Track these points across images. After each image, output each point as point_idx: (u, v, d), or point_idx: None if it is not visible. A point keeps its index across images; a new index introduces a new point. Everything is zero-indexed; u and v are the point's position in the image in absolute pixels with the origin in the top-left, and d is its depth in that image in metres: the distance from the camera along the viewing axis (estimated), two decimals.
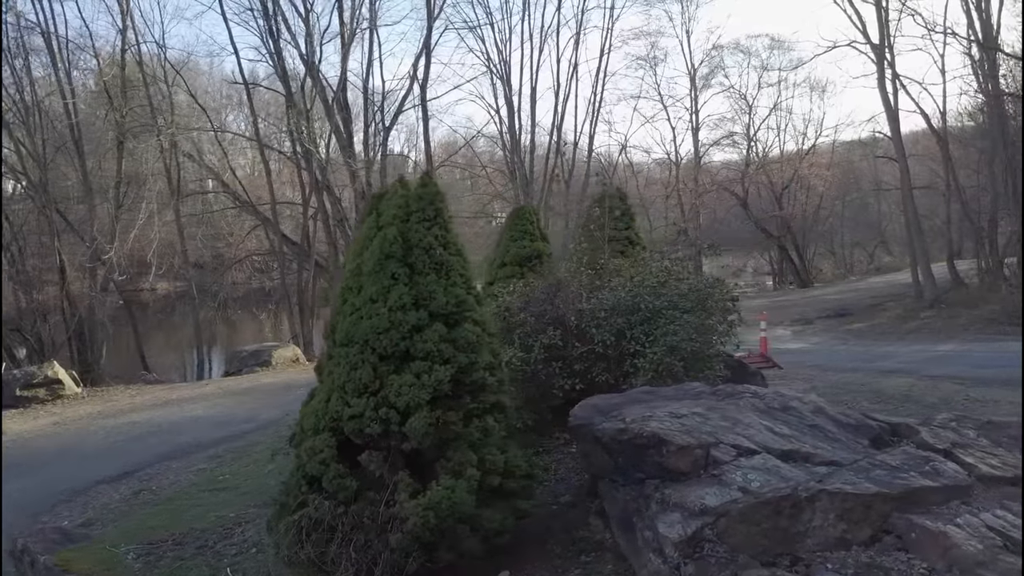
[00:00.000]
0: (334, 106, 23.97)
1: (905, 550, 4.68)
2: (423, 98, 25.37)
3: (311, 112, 24.00)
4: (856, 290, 35.79)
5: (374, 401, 5.27)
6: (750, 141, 40.84)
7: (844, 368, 15.60)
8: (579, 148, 33.95)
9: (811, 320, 27.91)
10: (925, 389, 12.33)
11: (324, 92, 24.14)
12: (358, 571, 5.11)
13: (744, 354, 17.39)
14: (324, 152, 24.11)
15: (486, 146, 37.03)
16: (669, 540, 4.76)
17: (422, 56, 25.42)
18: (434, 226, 5.63)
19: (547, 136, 32.13)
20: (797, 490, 4.80)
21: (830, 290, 38.25)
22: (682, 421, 5.50)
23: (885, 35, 26.48)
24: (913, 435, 5.76)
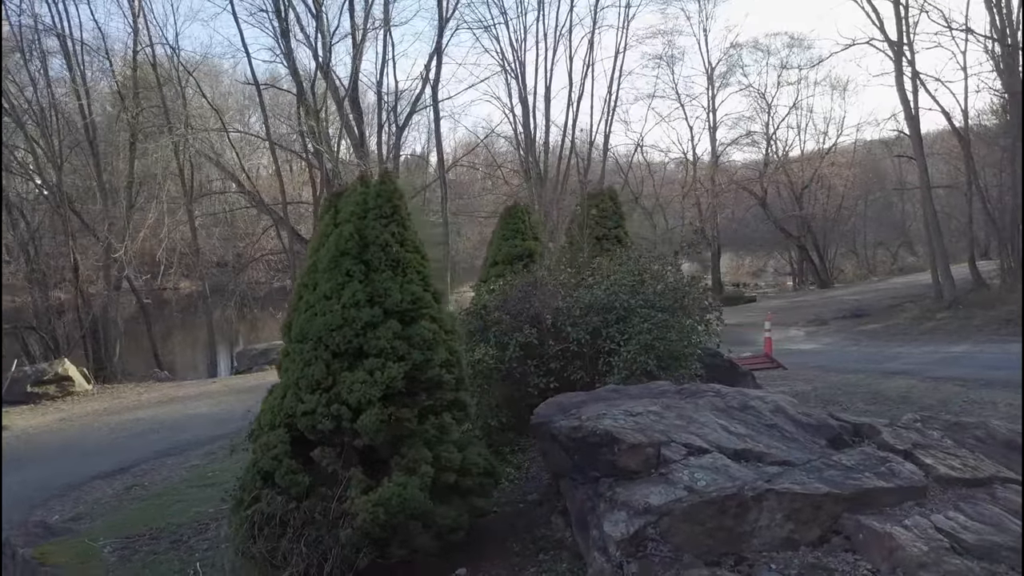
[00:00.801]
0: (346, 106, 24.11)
1: (853, 551, 4.62)
2: (435, 99, 25.46)
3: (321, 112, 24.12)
4: (876, 291, 35.33)
5: (326, 397, 5.30)
6: (769, 140, 40.46)
7: (849, 369, 15.42)
8: (595, 147, 33.82)
9: (826, 321, 27.57)
10: (925, 391, 12.15)
11: (337, 92, 24.29)
12: (308, 566, 5.14)
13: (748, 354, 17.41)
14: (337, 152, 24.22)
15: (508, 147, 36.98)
16: (612, 539, 4.73)
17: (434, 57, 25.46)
18: (391, 223, 5.64)
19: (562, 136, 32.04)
20: (743, 489, 4.75)
21: (850, 291, 37.80)
22: (636, 419, 5.46)
23: (902, 32, 26.10)
24: (875, 435, 5.68)
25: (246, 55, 34.06)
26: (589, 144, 33.74)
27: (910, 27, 26.51)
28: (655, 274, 7.73)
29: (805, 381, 13.81)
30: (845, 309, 29.52)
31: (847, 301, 32.11)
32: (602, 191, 11.52)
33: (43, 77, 21.24)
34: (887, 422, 6.04)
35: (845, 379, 13.89)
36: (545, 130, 31.05)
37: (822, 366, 16.35)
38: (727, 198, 39.29)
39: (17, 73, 20.57)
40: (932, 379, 13.29)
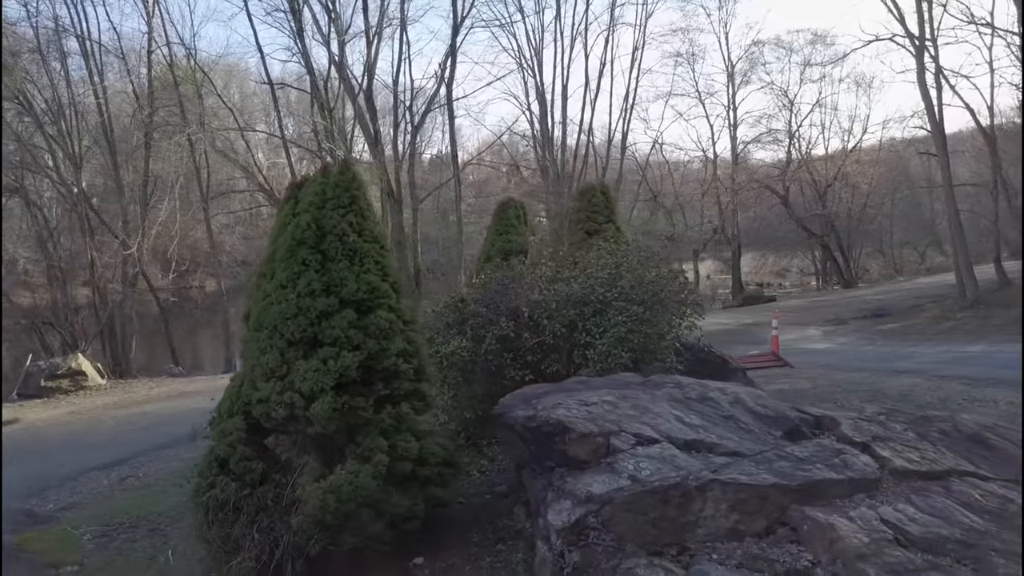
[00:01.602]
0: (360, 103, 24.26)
1: (798, 542, 4.57)
2: (449, 98, 25.56)
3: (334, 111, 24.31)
4: (900, 290, 34.75)
5: (280, 386, 5.35)
6: (791, 138, 39.93)
7: (857, 368, 15.20)
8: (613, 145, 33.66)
9: (845, 320, 27.16)
10: (927, 389, 11.95)
11: (352, 89, 24.45)
12: (260, 552, 5.20)
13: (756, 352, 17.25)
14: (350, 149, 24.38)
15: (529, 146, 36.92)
16: (554, 528, 4.73)
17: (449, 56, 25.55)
18: (349, 213, 5.67)
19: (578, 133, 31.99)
20: (687, 480, 4.72)
21: (873, 291, 37.23)
22: (589, 409, 5.44)
23: (923, 27, 25.66)
24: (835, 428, 5.60)
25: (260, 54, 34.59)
26: (607, 142, 33.64)
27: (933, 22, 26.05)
28: (630, 267, 7.68)
29: (808, 379, 13.65)
30: (865, 309, 29.07)
31: (869, 301, 31.63)
32: (593, 186, 11.48)
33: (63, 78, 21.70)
34: (851, 415, 5.94)
35: (849, 377, 13.70)
36: (562, 128, 31.05)
37: (830, 365, 16.14)
38: (748, 197, 38.86)
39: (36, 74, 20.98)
40: (938, 378, 13.06)
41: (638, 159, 36.78)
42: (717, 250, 44.32)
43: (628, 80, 32.07)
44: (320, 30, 24.72)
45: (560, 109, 30.91)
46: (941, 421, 5.81)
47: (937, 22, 25.93)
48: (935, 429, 5.70)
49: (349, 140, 24.52)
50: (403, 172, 26.08)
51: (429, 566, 5.67)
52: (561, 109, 30.91)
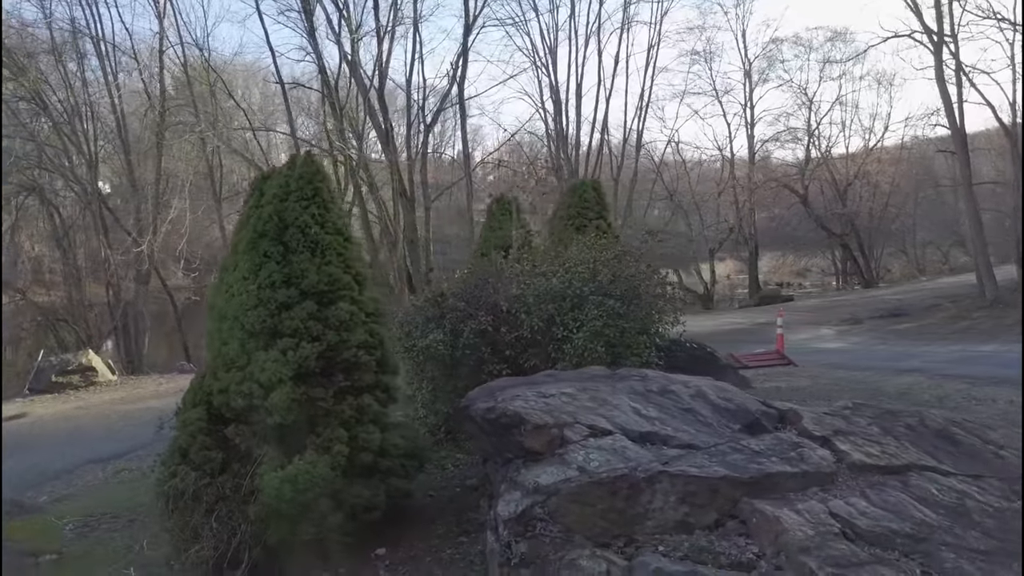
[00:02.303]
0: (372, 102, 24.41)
1: (747, 535, 4.52)
2: (460, 96, 25.61)
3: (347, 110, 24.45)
4: (920, 291, 34.33)
5: (240, 376, 5.40)
6: (810, 136, 39.49)
7: (862, 367, 15.03)
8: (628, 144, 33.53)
9: (861, 320, 26.87)
10: (927, 388, 11.81)
11: (364, 87, 24.59)
12: (218, 541, 5.25)
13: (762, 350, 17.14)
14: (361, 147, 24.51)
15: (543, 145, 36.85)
16: (501, 518, 4.72)
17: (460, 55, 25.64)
18: (311, 205, 5.71)
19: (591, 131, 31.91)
20: (636, 471, 4.69)
21: (894, 290, 36.80)
22: (547, 401, 5.43)
23: (941, 23, 25.32)
24: (798, 422, 5.54)
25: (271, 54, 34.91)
26: (623, 141, 33.52)
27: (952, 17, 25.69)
28: (606, 261, 7.66)
29: (809, 377, 13.54)
30: (883, 309, 28.75)
31: (888, 301, 31.29)
32: (584, 181, 11.43)
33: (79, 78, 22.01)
34: (817, 409, 5.88)
35: (851, 376, 13.57)
36: (576, 127, 30.99)
37: (837, 363, 15.98)
38: (766, 196, 38.53)
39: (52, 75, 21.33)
40: (941, 376, 12.91)
41: (654, 158, 36.58)
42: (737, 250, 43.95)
43: (643, 78, 31.93)
44: (333, 29, 24.91)
45: (575, 108, 30.89)
46: (908, 416, 5.72)
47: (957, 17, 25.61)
48: (901, 424, 5.62)
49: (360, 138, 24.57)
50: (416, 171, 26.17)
51: (391, 557, 5.69)
52: (575, 108, 30.90)
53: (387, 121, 25.06)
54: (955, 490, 4.85)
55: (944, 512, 4.61)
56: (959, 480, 5.00)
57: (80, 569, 6.68)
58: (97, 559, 6.71)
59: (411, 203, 25.74)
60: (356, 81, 24.34)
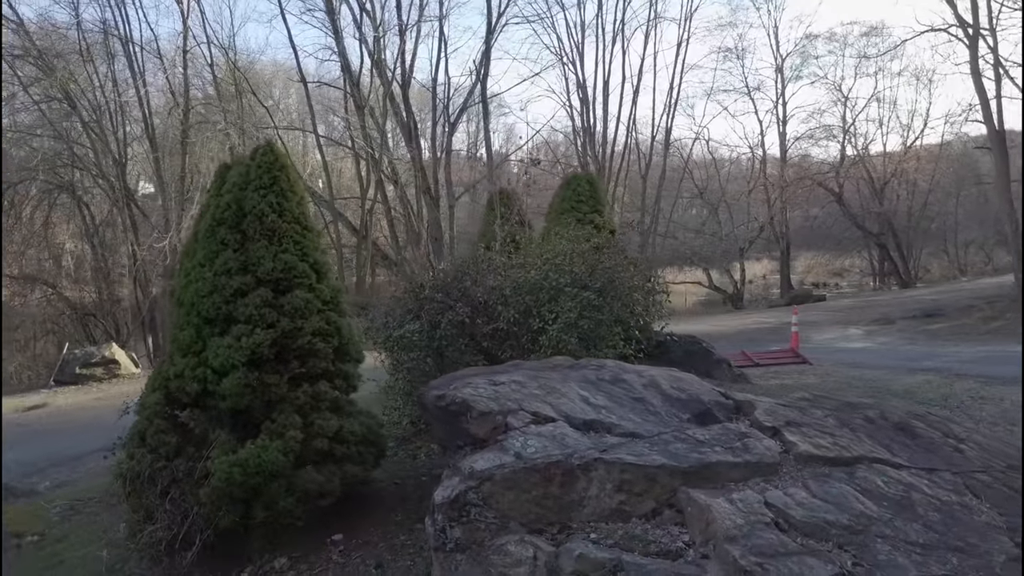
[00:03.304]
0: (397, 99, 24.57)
1: (681, 524, 4.48)
2: (483, 95, 25.60)
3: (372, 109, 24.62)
4: (959, 291, 33.48)
5: (195, 361, 5.49)
6: (845, 133, 38.71)
7: (878, 366, 14.73)
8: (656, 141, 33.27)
9: (893, 320, 26.30)
10: (936, 386, 11.55)
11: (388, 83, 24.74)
12: (172, 523, 5.34)
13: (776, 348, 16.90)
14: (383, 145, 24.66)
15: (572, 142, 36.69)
16: (436, 503, 4.73)
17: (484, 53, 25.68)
18: (269, 193, 5.77)
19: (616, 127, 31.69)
20: (571, 458, 4.66)
21: (932, 291, 35.91)
22: (496, 389, 5.43)
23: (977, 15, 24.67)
24: (751, 412, 5.46)
25: (294, 53, 35.22)
26: (651, 139, 33.27)
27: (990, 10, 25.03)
28: (582, 253, 7.62)
29: (820, 376, 13.32)
30: (917, 309, 28.13)
31: (923, 301, 30.59)
32: (579, 175, 11.36)
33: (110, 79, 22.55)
34: (776, 401, 5.78)
35: (863, 375, 13.31)
36: (603, 124, 30.83)
37: (854, 362, 15.69)
38: (799, 194, 37.86)
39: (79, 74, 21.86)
40: (955, 375, 12.62)
41: (683, 155, 36.21)
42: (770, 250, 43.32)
43: (672, 75, 31.64)
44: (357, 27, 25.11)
45: (602, 105, 30.71)
46: (868, 408, 5.62)
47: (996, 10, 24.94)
48: (860, 416, 5.50)
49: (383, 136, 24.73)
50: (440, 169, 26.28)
51: (346, 543, 5.73)
52: (603, 105, 30.71)
53: (411, 119, 25.17)
54: (903, 483, 4.73)
55: (887, 505, 4.50)
56: (910, 473, 4.88)
57: (57, 550, 6.86)
58: (75, 541, 6.89)
59: (435, 201, 25.83)
60: (380, 76, 24.50)
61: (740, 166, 40.05)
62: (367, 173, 25.53)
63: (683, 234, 37.05)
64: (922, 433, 5.42)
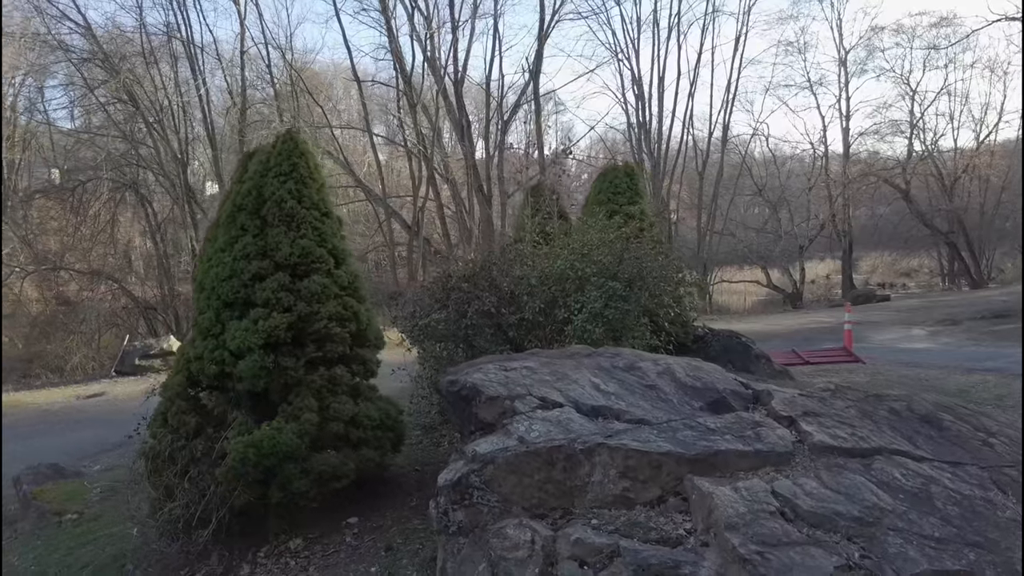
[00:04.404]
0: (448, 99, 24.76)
1: (686, 512, 4.39)
2: (535, 93, 25.63)
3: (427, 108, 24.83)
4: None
5: (214, 343, 5.61)
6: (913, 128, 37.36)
7: (936, 365, 14.25)
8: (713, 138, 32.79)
9: (959, 321, 25.40)
10: (991, 386, 11.14)
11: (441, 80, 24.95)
12: (190, 501, 5.45)
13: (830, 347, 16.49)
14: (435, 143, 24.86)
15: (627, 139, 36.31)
16: (439, 486, 4.73)
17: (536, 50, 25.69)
18: (289, 180, 5.86)
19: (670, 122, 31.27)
20: (574, 443, 4.60)
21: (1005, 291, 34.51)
22: (507, 375, 5.40)
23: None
24: (768, 402, 5.31)
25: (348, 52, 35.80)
26: (708, 135, 32.78)
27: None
28: (609, 243, 7.52)
29: (870, 375, 12.95)
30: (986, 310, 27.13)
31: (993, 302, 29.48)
32: (617, 166, 11.20)
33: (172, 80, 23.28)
34: (797, 391, 5.62)
35: (916, 373, 12.90)
36: (658, 120, 30.48)
37: (911, 362, 15.21)
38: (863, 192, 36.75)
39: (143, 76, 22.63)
40: (1013, 376, 12.10)
41: (741, 152, 35.50)
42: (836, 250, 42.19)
43: (729, 70, 31.09)
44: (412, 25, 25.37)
45: (657, 101, 30.38)
46: (894, 400, 5.39)
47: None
48: (885, 408, 5.29)
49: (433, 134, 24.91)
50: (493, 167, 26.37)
51: (360, 525, 5.79)
52: (658, 101, 30.38)
53: (464, 116, 25.32)
54: (923, 475, 4.54)
55: (903, 497, 4.33)
56: (932, 466, 4.67)
57: (93, 527, 7.10)
58: (109, 519, 7.11)
59: (488, 199, 25.93)
60: (433, 74, 24.72)
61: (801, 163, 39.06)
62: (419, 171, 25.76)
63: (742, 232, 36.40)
64: (950, 426, 5.19)
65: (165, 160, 22.42)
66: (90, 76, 22.35)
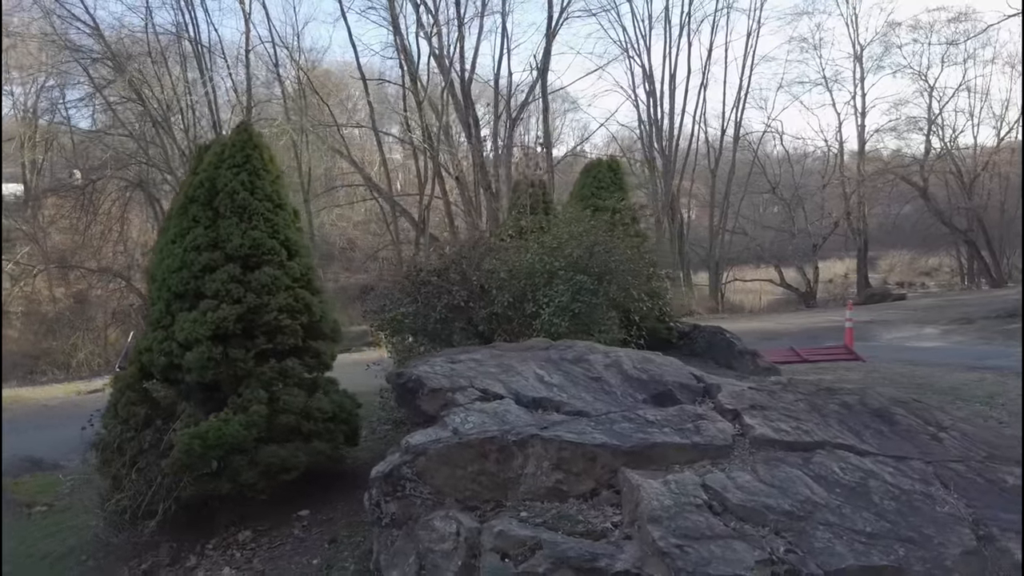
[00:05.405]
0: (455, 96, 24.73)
1: (618, 505, 4.33)
2: (543, 90, 25.51)
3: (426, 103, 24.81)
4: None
5: (163, 335, 5.61)
6: (930, 125, 36.73)
7: (937, 364, 13.98)
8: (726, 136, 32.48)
9: (973, 320, 24.97)
10: (989, 384, 10.88)
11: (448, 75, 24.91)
12: (137, 492, 5.46)
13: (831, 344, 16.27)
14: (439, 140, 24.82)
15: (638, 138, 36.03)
16: (371, 477, 4.70)
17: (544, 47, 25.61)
18: (242, 172, 5.84)
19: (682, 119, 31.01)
20: (507, 435, 4.55)
21: None
22: (453, 367, 5.35)
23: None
24: (716, 394, 5.22)
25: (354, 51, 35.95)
26: (720, 132, 32.49)
27: None
28: (577, 236, 7.45)
29: (865, 372, 12.72)
30: (1002, 309, 26.63)
31: (1010, 300, 28.90)
32: (601, 160, 11.09)
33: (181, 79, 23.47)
34: (747, 384, 5.52)
35: (914, 371, 12.65)
36: (670, 118, 30.25)
37: (913, 360, 14.94)
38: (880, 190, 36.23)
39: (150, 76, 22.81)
40: (1014, 374, 11.84)
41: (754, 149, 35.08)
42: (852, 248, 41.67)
43: (742, 67, 30.77)
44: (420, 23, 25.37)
45: (668, 98, 30.15)
46: (847, 394, 5.29)
47: None
48: (836, 402, 5.20)
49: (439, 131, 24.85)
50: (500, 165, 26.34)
51: (311, 518, 5.77)
52: (669, 98, 30.14)
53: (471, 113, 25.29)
54: (863, 470, 4.44)
55: (840, 491, 4.24)
56: (875, 460, 4.57)
57: (60, 519, 7.13)
58: (77, 510, 7.14)
59: (495, 196, 25.89)
60: (441, 70, 24.69)
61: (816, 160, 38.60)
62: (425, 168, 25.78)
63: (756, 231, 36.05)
64: (901, 420, 5.07)
65: (172, 159, 22.61)
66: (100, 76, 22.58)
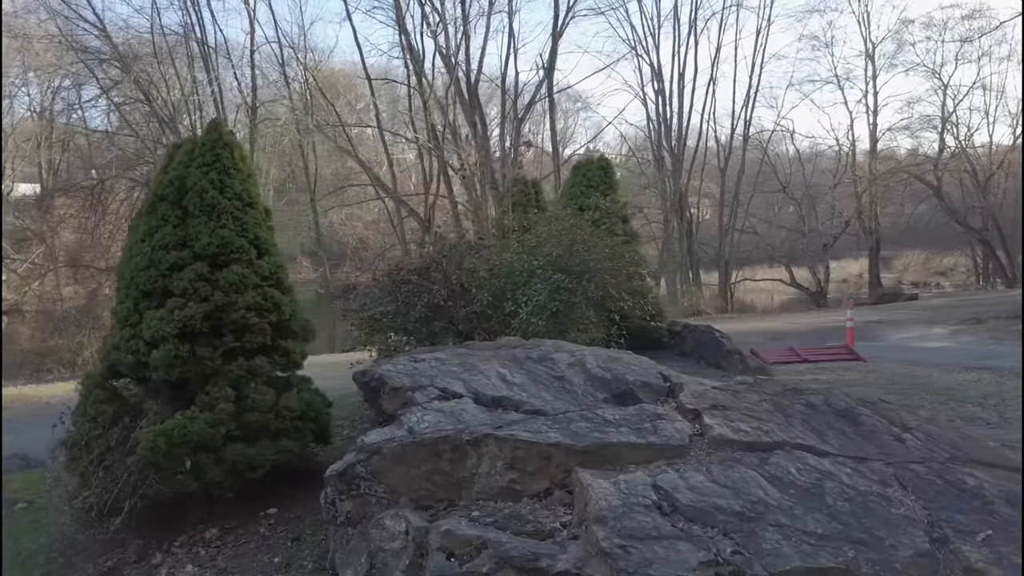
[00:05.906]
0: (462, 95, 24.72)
1: (570, 505, 4.30)
2: (549, 90, 25.49)
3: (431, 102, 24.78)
4: None
5: (130, 333, 5.63)
6: (944, 123, 36.32)
7: (937, 364, 13.85)
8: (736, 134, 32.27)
9: (983, 320, 24.66)
10: (984, 385, 10.86)
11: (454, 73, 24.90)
12: (104, 489, 5.49)
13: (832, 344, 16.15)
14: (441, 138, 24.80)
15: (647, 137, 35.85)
16: (326, 475, 4.69)
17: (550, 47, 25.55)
18: (211, 171, 5.85)
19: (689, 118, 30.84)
20: (461, 434, 4.52)
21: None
22: (416, 366, 5.34)
23: None
24: (678, 394, 5.18)
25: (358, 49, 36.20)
26: (730, 131, 32.30)
27: None
28: (556, 234, 7.42)
29: (863, 372, 12.68)
30: (1013, 309, 26.33)
31: None
32: (591, 159, 11.02)
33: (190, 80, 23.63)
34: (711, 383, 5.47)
35: (912, 372, 12.61)
36: (679, 117, 30.10)
37: (914, 360, 14.83)
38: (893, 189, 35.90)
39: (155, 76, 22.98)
40: (1013, 374, 11.74)
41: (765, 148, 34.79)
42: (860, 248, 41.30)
43: (751, 66, 30.57)
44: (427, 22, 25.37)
45: (677, 96, 30.01)
46: (812, 395, 5.24)
47: None
48: (801, 402, 5.14)
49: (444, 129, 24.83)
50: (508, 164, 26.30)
51: (278, 516, 5.77)
52: (678, 96, 30.01)
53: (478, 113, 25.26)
54: (820, 470, 4.39)
55: (794, 492, 4.19)
56: (833, 461, 4.51)
57: (40, 515, 7.17)
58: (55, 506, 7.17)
59: (501, 196, 25.86)
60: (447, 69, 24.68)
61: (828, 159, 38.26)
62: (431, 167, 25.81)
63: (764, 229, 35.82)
64: (865, 421, 5.00)
65: None
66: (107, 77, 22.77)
